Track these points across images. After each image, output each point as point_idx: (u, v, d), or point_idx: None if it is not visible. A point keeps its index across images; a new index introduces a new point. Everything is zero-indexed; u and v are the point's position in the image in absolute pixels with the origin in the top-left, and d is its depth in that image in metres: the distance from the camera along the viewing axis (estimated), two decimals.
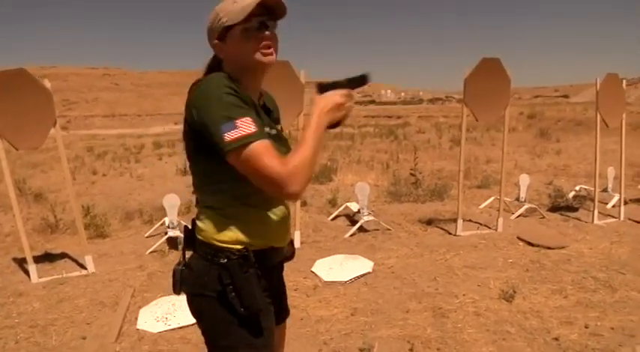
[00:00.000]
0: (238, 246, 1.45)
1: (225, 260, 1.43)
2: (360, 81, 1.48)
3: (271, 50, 1.43)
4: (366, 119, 40.80)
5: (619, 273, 4.30)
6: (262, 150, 1.29)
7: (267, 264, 1.52)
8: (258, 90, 1.54)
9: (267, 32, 1.41)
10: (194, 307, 1.53)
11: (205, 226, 1.49)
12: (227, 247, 1.45)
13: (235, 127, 1.28)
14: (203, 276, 1.47)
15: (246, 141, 1.28)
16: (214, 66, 1.52)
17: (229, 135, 1.28)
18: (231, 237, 1.45)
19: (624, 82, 6.42)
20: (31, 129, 4.34)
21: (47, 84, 4.42)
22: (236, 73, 1.44)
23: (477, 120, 5.59)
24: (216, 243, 1.46)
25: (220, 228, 1.46)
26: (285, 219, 1.56)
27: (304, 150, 1.33)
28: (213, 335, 1.52)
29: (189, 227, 1.57)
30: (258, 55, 1.42)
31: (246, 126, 1.29)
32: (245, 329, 1.46)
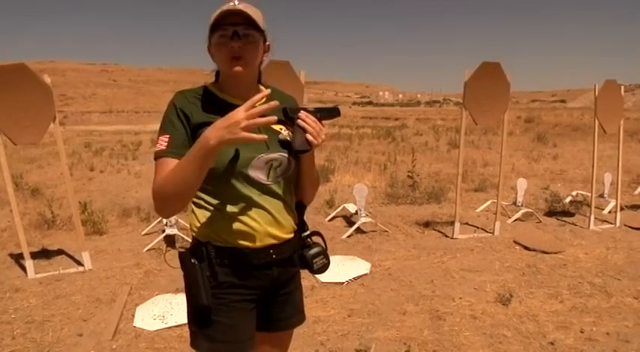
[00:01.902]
0: (204, 239, 1.51)
1: (187, 250, 1.53)
2: (329, 112, 1.55)
3: (238, 60, 1.45)
4: (363, 120, 40.85)
5: (614, 279, 4.32)
6: (158, 167, 1.43)
7: (233, 263, 1.51)
8: (249, 92, 1.52)
9: (237, 42, 1.43)
10: None
11: (189, 217, 1.59)
12: (197, 238, 1.53)
13: (158, 140, 1.46)
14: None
15: (155, 155, 1.45)
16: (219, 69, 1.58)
17: (155, 146, 1.47)
18: (200, 229, 1.52)
19: (622, 88, 6.45)
20: (30, 125, 4.33)
21: (47, 79, 4.41)
22: (223, 77, 1.55)
23: (476, 124, 5.62)
24: (193, 234, 1.56)
25: (193, 220, 1.55)
26: (260, 222, 1.51)
27: (170, 172, 1.39)
28: (187, 322, 1.61)
29: None
30: (226, 64, 1.46)
31: (161, 143, 1.45)
32: (201, 320, 1.52)
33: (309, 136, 1.48)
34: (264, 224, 1.52)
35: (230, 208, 1.49)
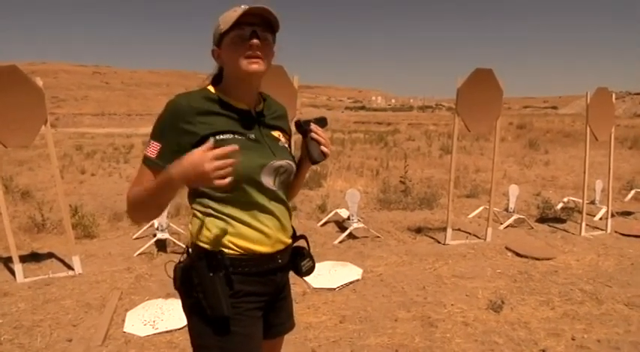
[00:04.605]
0: (215, 248, 1.47)
1: (199, 260, 1.47)
2: (321, 122, 1.63)
3: (257, 59, 1.45)
4: (356, 125, 40.90)
5: (605, 286, 4.34)
6: (139, 172, 1.49)
7: (247, 271, 1.50)
8: (252, 97, 1.56)
9: (255, 41, 1.44)
10: (182, 304, 1.57)
11: (191, 226, 1.54)
12: (204, 247, 1.48)
13: (148, 145, 1.48)
14: (185, 274, 1.52)
15: (143, 159, 1.49)
16: (217, 73, 1.57)
17: (145, 150, 1.49)
18: (208, 237, 1.48)
19: (613, 95, 6.50)
20: (21, 127, 4.30)
21: (39, 82, 4.38)
22: (230, 80, 1.52)
23: (468, 131, 5.63)
24: (197, 242, 1.51)
25: (199, 228, 1.51)
26: (271, 227, 1.52)
27: (138, 192, 1.45)
28: (191, 334, 1.56)
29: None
30: (243, 63, 1.45)
31: (150, 148, 1.47)
32: (215, 331, 1.47)
33: (323, 148, 1.56)
34: (275, 229, 1.54)
35: (243, 215, 1.48)
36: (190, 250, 1.54)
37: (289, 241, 1.62)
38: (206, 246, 1.48)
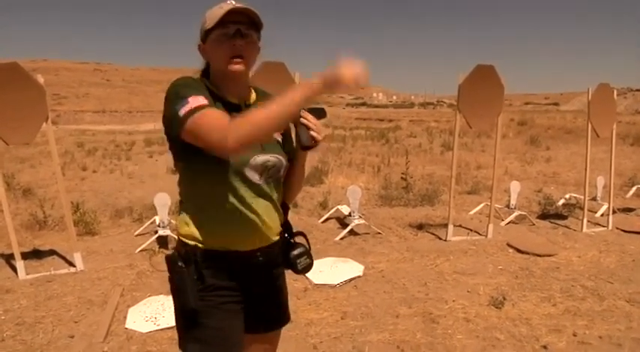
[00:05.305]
0: (191, 242, 1.50)
1: (176, 253, 1.52)
2: (318, 112, 1.62)
3: (239, 60, 1.47)
4: (357, 121, 40.81)
5: (607, 282, 4.34)
6: (210, 113, 1.36)
7: (220, 266, 1.52)
8: (241, 91, 1.58)
9: (240, 40, 1.46)
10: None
11: (177, 220, 1.59)
12: (184, 241, 1.52)
13: (187, 103, 1.37)
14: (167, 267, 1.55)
15: (197, 109, 1.36)
16: (206, 68, 1.59)
17: (183, 110, 1.37)
18: (187, 231, 1.51)
19: (615, 92, 6.48)
20: (23, 124, 4.30)
21: (40, 79, 4.38)
22: (216, 75, 1.54)
23: (470, 128, 5.61)
24: (179, 236, 1.55)
25: (182, 222, 1.54)
26: (250, 225, 1.53)
27: (257, 111, 1.34)
28: (175, 325, 1.59)
29: None
30: (226, 62, 1.47)
31: (197, 101, 1.37)
32: (189, 324, 1.51)
33: (313, 133, 1.54)
34: (254, 228, 1.54)
35: (221, 211, 1.49)
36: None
37: (274, 239, 1.62)
38: (184, 239, 1.52)
